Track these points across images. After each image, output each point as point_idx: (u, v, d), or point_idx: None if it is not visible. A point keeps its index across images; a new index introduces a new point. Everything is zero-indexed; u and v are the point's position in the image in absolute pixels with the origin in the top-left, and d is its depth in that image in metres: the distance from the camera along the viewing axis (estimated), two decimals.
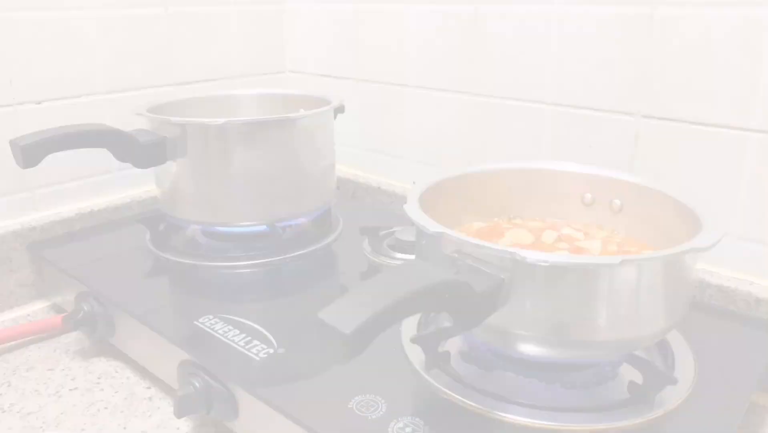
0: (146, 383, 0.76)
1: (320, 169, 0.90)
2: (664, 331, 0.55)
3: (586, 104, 0.84)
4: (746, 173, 0.73)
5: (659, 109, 0.78)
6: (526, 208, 0.76)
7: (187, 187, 0.85)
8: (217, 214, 0.84)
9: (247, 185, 0.83)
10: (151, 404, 0.72)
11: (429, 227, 0.55)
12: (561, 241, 0.70)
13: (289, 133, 0.84)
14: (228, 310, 0.74)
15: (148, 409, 0.71)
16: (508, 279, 0.50)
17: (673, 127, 0.77)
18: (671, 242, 0.65)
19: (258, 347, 0.67)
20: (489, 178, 0.75)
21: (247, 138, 0.81)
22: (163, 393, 0.74)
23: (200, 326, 0.71)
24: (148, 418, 0.70)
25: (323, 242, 0.91)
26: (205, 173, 0.83)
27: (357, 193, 1.16)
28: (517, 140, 0.93)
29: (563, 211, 0.75)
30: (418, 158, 1.07)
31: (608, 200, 0.72)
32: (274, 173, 0.84)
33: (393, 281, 0.42)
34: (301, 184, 0.87)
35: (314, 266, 0.87)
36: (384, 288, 0.41)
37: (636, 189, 0.69)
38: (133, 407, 0.72)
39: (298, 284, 0.82)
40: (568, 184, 0.74)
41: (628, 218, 0.71)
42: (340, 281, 0.86)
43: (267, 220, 0.86)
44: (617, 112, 0.82)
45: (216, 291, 0.81)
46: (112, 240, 0.95)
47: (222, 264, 0.85)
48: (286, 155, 0.84)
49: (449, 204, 0.72)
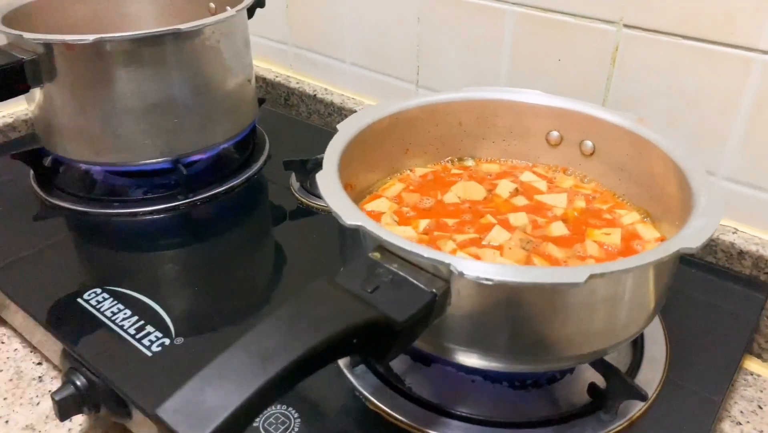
0: (36, 357, 0.65)
1: (231, 88, 0.73)
2: (638, 333, 0.45)
3: (557, 6, 0.67)
4: (745, 104, 0.59)
5: (646, 18, 0.62)
6: (480, 148, 0.63)
7: (61, 120, 0.68)
8: (101, 152, 0.69)
9: (137, 116, 0.67)
10: (40, 387, 0.61)
11: (345, 217, 0.41)
12: (519, 195, 0.58)
13: (185, 49, 0.66)
14: (120, 280, 0.61)
15: (36, 393, 0.61)
16: (442, 294, 0.38)
17: (661, 43, 0.62)
18: (652, 200, 0.54)
19: (151, 337, 0.55)
20: (434, 113, 0.60)
21: (128, 58, 0.64)
22: (56, 371, 0.63)
23: (84, 305, 0.59)
24: (35, 407, 0.59)
25: (242, 176, 0.77)
26: (80, 103, 0.66)
27: (290, 100, 0.99)
28: (473, 46, 0.76)
29: (524, 151, 0.62)
30: (359, 62, 0.90)
31: (578, 141, 0.59)
32: (170, 99, 0.67)
33: (271, 346, 0.30)
34: (208, 110, 0.71)
35: (230, 210, 0.73)
36: (257, 360, 0.29)
37: (612, 131, 0.56)
38: (19, 390, 0.61)
39: (209, 238, 0.69)
40: (531, 120, 0.60)
41: (602, 164, 0.58)
42: (261, 233, 0.72)
43: (168, 155, 0.70)
44: (595, 20, 0.65)
45: (108, 251, 0.68)
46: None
47: (118, 211, 0.71)
48: (183, 76, 0.68)
49: (386, 147, 0.59)
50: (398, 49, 0.84)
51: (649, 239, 0.51)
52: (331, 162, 0.48)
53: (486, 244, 0.51)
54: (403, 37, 0.83)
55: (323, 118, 0.96)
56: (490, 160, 0.63)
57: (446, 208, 0.56)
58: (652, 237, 0.51)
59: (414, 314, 0.37)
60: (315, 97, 0.95)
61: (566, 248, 0.50)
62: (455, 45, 0.78)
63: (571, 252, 0.50)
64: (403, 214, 0.55)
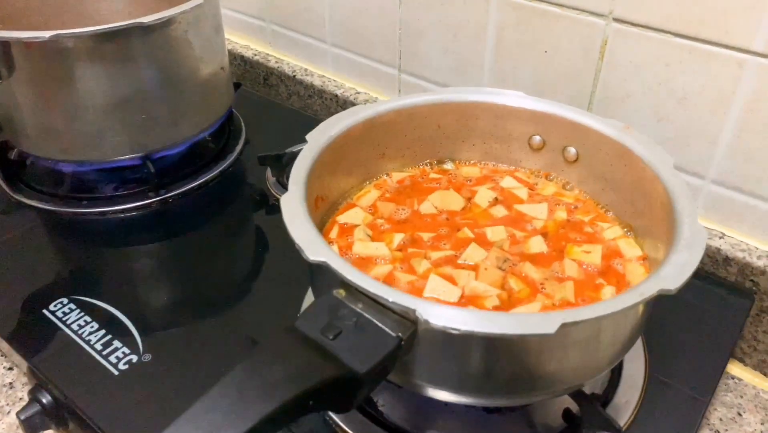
0: (7, 362, 0.63)
1: (204, 79, 0.70)
2: (617, 362, 0.44)
3: None
4: (737, 106, 0.56)
5: (637, 13, 0.58)
6: (460, 150, 0.60)
7: (24, 116, 0.65)
8: (67, 150, 0.66)
9: (103, 112, 0.63)
10: (11, 394, 0.60)
11: (309, 252, 0.39)
12: (498, 204, 0.55)
13: (150, 42, 0.63)
14: (88, 288, 0.60)
15: (6, 402, 0.59)
16: (408, 338, 0.36)
17: (652, 39, 0.58)
18: (635, 213, 0.52)
19: (119, 353, 0.53)
20: (412, 116, 0.57)
21: (90, 54, 0.60)
22: (27, 378, 0.62)
23: (50, 317, 0.57)
24: (6, 416, 0.58)
25: (216, 170, 0.74)
26: (42, 100, 0.63)
27: (269, 80, 0.95)
28: (456, 32, 0.73)
29: (506, 154, 0.59)
30: (339, 43, 0.86)
31: (561, 146, 0.56)
32: (137, 94, 0.64)
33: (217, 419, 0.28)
34: (178, 103, 0.68)
35: (203, 208, 0.71)
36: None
37: (597, 138, 0.53)
38: None
39: (181, 239, 0.67)
40: (513, 123, 0.57)
41: (585, 171, 0.56)
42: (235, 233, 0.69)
43: (138, 151, 0.67)
44: (583, 11, 0.62)
45: (76, 254, 0.65)
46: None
47: (86, 210, 0.68)
48: (150, 70, 0.64)
49: (361, 153, 0.56)
50: (380, 33, 0.80)
51: (631, 258, 0.49)
52: (298, 181, 0.46)
53: (462, 263, 0.49)
54: (384, 20, 0.79)
55: (303, 100, 0.92)
56: (471, 163, 0.60)
57: (422, 220, 0.54)
58: (634, 255, 0.49)
59: (378, 363, 0.35)
60: (294, 78, 0.91)
61: (544, 267, 0.49)
62: (438, 30, 0.74)
63: (549, 272, 0.48)
64: (377, 228, 0.53)
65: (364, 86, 0.87)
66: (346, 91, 0.87)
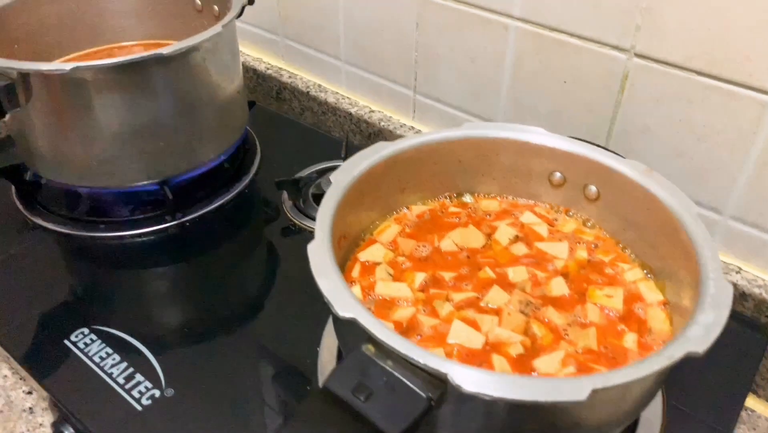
0: (26, 386, 0.64)
1: (220, 104, 0.70)
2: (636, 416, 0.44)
3: (565, 27, 0.63)
4: (757, 146, 0.56)
5: (660, 50, 0.58)
6: (479, 184, 0.60)
7: (41, 143, 0.65)
8: (85, 176, 0.66)
9: (121, 140, 0.63)
10: (31, 420, 0.61)
11: (338, 308, 0.40)
12: (519, 241, 0.56)
13: (168, 72, 0.62)
14: (107, 317, 0.60)
15: (26, 428, 0.60)
16: (438, 398, 0.37)
17: (675, 76, 0.58)
18: (656, 256, 0.52)
19: (141, 387, 0.54)
20: (433, 152, 0.57)
21: (109, 84, 0.60)
22: (47, 402, 0.62)
23: (71, 347, 0.57)
24: None
25: (233, 191, 0.74)
26: (60, 128, 0.63)
27: (282, 94, 0.95)
28: (474, 58, 0.72)
29: (526, 188, 0.59)
30: (354, 61, 0.86)
31: (582, 184, 0.56)
32: (155, 123, 0.64)
33: None
34: (196, 129, 0.68)
35: (219, 232, 0.71)
36: None
37: (619, 179, 0.53)
38: (10, 423, 0.60)
39: (198, 265, 0.67)
40: (533, 159, 0.57)
41: (606, 210, 0.56)
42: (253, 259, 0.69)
43: (155, 177, 0.68)
44: (605, 45, 0.62)
45: (95, 279, 0.66)
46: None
47: (104, 235, 0.69)
48: (168, 99, 0.64)
49: (382, 189, 0.56)
50: (395, 54, 0.80)
51: (652, 303, 0.50)
52: (324, 227, 0.46)
53: (484, 306, 0.49)
54: (400, 42, 0.78)
55: (316, 116, 0.92)
56: (490, 196, 0.60)
57: (443, 258, 0.54)
58: (655, 300, 0.50)
59: (409, 425, 0.36)
60: (308, 95, 0.91)
61: (567, 311, 0.49)
62: (455, 55, 0.74)
63: (571, 317, 0.49)
64: (398, 266, 0.53)
65: (378, 105, 0.87)
66: (360, 110, 0.87)
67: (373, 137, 0.86)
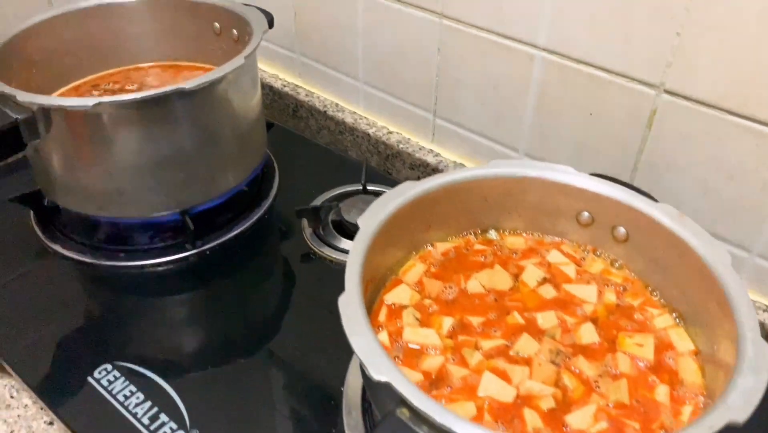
0: (47, 416, 0.64)
1: (241, 132, 0.69)
2: None
3: (592, 60, 0.62)
4: None
5: (691, 87, 0.57)
6: (505, 220, 0.59)
7: (60, 173, 0.64)
8: (104, 207, 0.65)
9: (141, 172, 0.63)
10: None
11: (373, 370, 0.39)
12: (547, 283, 0.55)
13: (190, 105, 0.62)
14: (130, 353, 0.60)
15: None
16: None
17: (705, 114, 0.57)
18: (687, 302, 0.51)
19: (166, 428, 0.54)
20: (459, 191, 0.56)
21: (131, 118, 0.60)
22: None
23: (95, 385, 0.57)
24: None
25: (253, 217, 0.74)
26: (80, 160, 0.62)
27: (299, 112, 0.94)
28: (496, 85, 0.71)
29: (552, 226, 0.59)
30: (372, 82, 0.85)
31: (611, 225, 0.56)
32: (176, 154, 0.63)
33: None
34: (216, 159, 0.68)
35: (240, 260, 0.70)
36: None
37: (650, 223, 0.52)
38: None
39: (220, 296, 0.66)
40: (561, 198, 0.56)
41: (635, 252, 0.55)
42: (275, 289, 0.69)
43: (176, 208, 0.67)
44: (633, 80, 0.61)
45: (116, 311, 0.65)
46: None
47: (124, 264, 0.68)
48: (189, 131, 0.63)
49: (407, 228, 0.55)
50: (415, 77, 0.79)
51: (683, 352, 0.49)
52: (354, 279, 0.45)
53: (514, 354, 0.49)
54: (421, 66, 0.77)
55: (333, 135, 0.91)
56: (515, 232, 0.60)
57: (471, 301, 0.53)
58: (687, 350, 0.49)
59: None
60: (326, 114, 0.90)
61: (597, 361, 0.48)
62: (477, 81, 0.73)
63: (602, 367, 0.48)
64: (425, 309, 0.53)
65: (396, 126, 0.86)
66: (378, 131, 0.86)
67: (391, 159, 0.85)
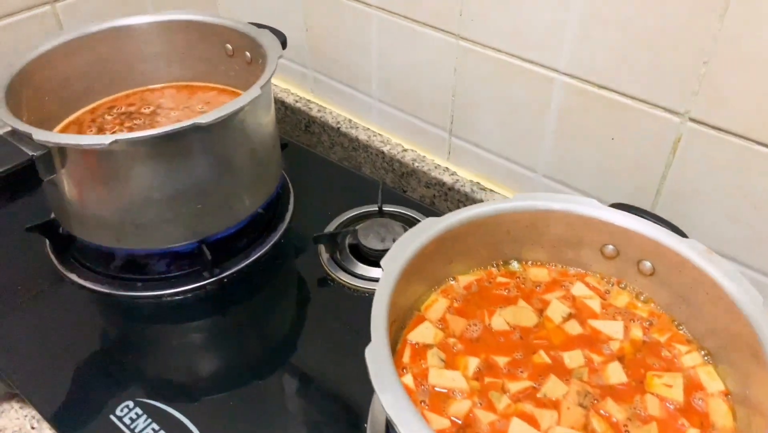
0: None
1: (257, 160, 0.68)
2: None
3: (615, 86, 0.61)
4: None
5: (717, 116, 0.56)
6: (527, 252, 0.59)
7: (76, 207, 0.63)
8: (121, 239, 0.65)
9: (158, 206, 0.62)
10: None
11: (402, 429, 0.39)
12: (572, 319, 0.54)
13: (206, 138, 0.61)
14: (151, 389, 0.59)
15: None
16: None
17: (731, 143, 0.56)
18: (715, 340, 0.51)
19: None
20: (482, 225, 0.56)
21: (147, 154, 0.59)
22: None
23: (118, 424, 0.57)
24: None
25: (269, 242, 0.73)
26: (96, 194, 0.62)
27: (311, 128, 0.94)
28: (514, 107, 0.70)
29: (576, 258, 0.58)
30: (386, 100, 0.84)
31: (636, 259, 0.55)
32: (193, 186, 0.63)
33: None
34: (233, 188, 0.67)
35: (258, 285, 0.69)
36: None
37: (676, 259, 0.51)
38: None
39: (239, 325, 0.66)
40: (585, 231, 0.56)
41: (661, 287, 0.54)
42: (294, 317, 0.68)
43: (193, 238, 0.66)
44: (657, 107, 0.60)
45: (135, 344, 0.65)
46: None
47: (142, 294, 0.68)
48: (205, 163, 0.63)
49: (429, 265, 0.55)
50: (431, 96, 0.78)
51: (713, 392, 0.49)
52: (380, 326, 0.45)
53: (542, 397, 0.48)
54: (436, 85, 0.76)
55: (347, 152, 0.90)
56: (538, 263, 0.59)
57: (495, 339, 0.53)
58: (716, 390, 0.49)
59: None
60: (339, 130, 0.89)
61: (626, 403, 0.48)
62: (495, 104, 0.72)
63: (631, 409, 0.48)
64: (450, 349, 0.52)
65: (411, 143, 0.85)
66: (393, 148, 0.85)
67: (405, 177, 0.84)
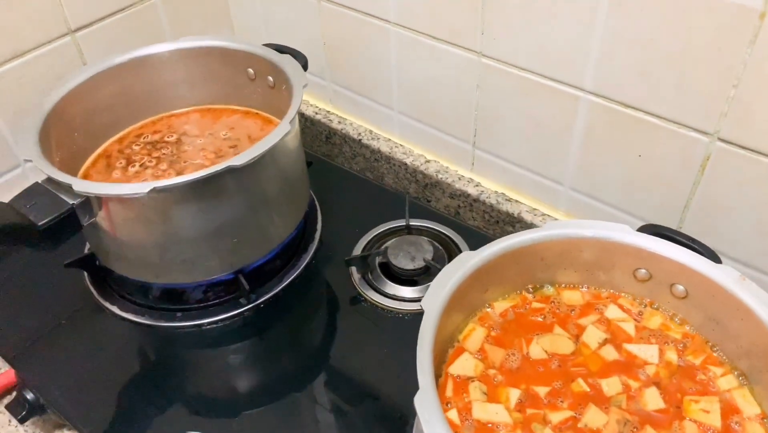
0: None
1: (288, 189, 0.69)
2: None
3: (642, 105, 0.62)
4: None
5: (747, 137, 0.57)
6: (560, 276, 0.60)
7: (115, 247, 0.65)
8: (160, 275, 0.66)
9: (195, 243, 0.64)
10: None
11: None
12: (608, 344, 0.56)
13: (240, 178, 0.62)
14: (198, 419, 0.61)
15: None
16: None
17: (761, 163, 0.57)
18: (750, 363, 0.52)
19: None
20: (516, 255, 0.57)
21: (183, 198, 0.60)
22: None
23: None
24: None
25: (301, 264, 0.74)
26: (134, 236, 0.63)
27: (332, 139, 0.94)
28: (539, 124, 0.71)
29: (608, 280, 0.59)
30: (408, 112, 0.84)
31: (669, 283, 0.56)
32: (228, 223, 0.64)
33: None
34: (267, 219, 0.68)
35: (294, 309, 0.71)
36: None
37: (709, 285, 0.52)
38: None
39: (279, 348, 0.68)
40: (618, 256, 0.57)
41: (694, 310, 0.55)
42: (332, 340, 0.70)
43: (230, 269, 0.68)
44: (685, 126, 0.60)
45: (178, 375, 0.67)
46: (35, 280, 0.75)
47: (181, 324, 0.69)
48: (239, 200, 0.64)
49: (466, 297, 0.56)
50: (453, 110, 0.78)
51: (750, 416, 0.50)
52: (427, 371, 0.46)
53: (582, 427, 0.50)
54: (459, 100, 0.76)
55: (369, 163, 0.91)
56: (571, 286, 0.60)
57: (535, 369, 0.54)
58: (753, 413, 0.50)
59: None
60: (360, 142, 0.90)
61: (665, 429, 0.50)
62: (519, 119, 0.72)
63: None
64: (491, 381, 0.54)
65: (434, 155, 0.86)
66: (416, 159, 0.86)
67: (429, 188, 0.85)
